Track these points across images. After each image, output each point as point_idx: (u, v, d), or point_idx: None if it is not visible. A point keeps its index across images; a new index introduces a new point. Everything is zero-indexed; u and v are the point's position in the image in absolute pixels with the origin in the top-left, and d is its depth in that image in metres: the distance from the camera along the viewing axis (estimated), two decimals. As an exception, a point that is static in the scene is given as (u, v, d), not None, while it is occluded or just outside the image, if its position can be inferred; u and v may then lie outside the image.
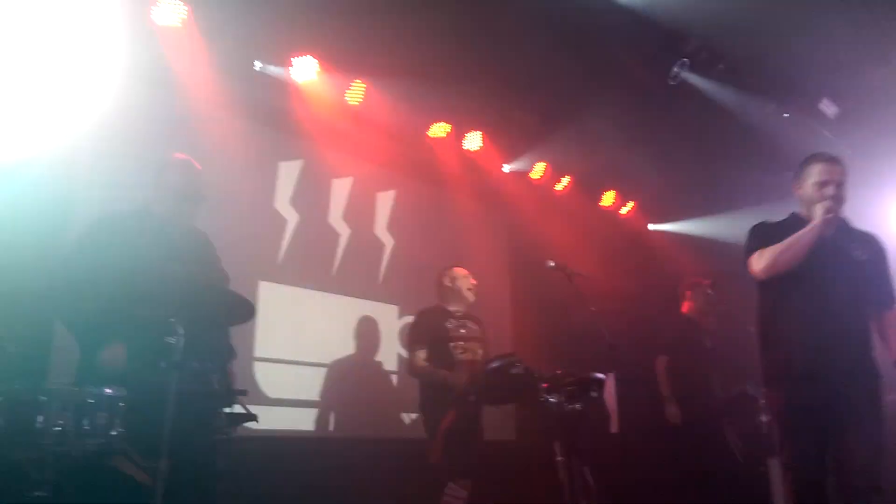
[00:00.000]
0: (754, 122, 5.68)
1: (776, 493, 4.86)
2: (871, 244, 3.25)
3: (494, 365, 4.05)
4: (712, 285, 5.59)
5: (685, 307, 5.63)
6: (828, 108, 5.36)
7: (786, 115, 5.50)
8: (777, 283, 3.16)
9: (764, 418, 4.93)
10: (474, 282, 4.81)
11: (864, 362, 3.05)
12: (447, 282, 4.78)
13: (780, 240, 3.14)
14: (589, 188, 6.95)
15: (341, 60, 5.04)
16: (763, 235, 3.24)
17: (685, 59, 4.72)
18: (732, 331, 5.55)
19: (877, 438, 2.96)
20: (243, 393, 3.17)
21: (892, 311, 3.16)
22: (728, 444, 5.21)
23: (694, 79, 4.96)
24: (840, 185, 3.19)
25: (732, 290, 5.95)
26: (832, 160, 3.23)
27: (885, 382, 3.08)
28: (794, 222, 3.23)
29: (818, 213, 3.11)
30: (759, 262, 3.16)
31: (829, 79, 5.27)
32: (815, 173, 3.21)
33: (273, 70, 4.94)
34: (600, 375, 3.81)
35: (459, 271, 4.82)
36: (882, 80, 5.14)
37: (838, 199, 3.17)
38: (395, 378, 5.52)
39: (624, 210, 7.30)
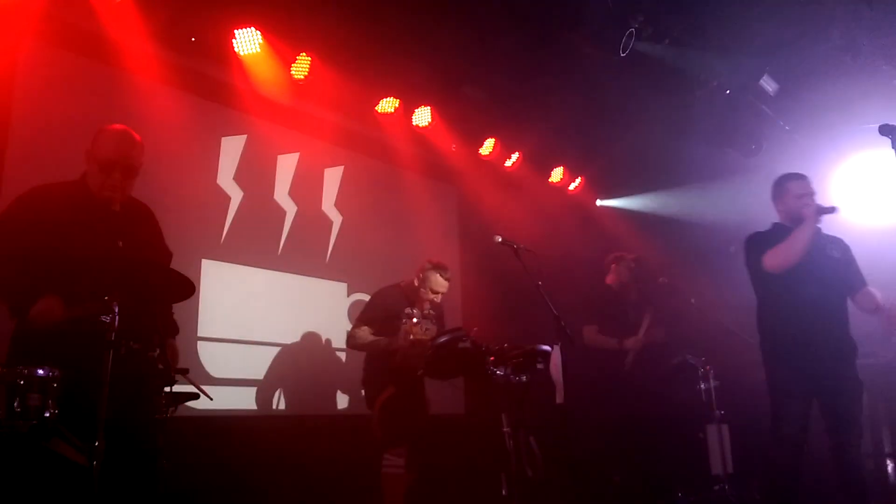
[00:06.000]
0: (699, 99, 5.77)
1: (713, 458, 5.03)
2: (840, 244, 4.04)
3: (442, 339, 4.07)
4: (636, 259, 5.77)
5: (609, 279, 5.79)
6: (768, 84, 5.45)
7: (727, 91, 5.59)
8: (779, 278, 3.81)
9: (703, 386, 5.08)
10: (442, 291, 4.59)
11: (845, 338, 3.85)
12: (419, 278, 4.59)
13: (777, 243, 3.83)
14: (538, 164, 6.98)
15: (286, 32, 4.92)
16: (763, 241, 3.93)
17: (633, 29, 4.72)
18: (678, 303, 5.70)
19: (858, 396, 3.78)
20: (185, 372, 3.11)
21: (865, 287, 3.95)
22: (669, 412, 5.35)
23: (642, 50, 4.95)
24: (814, 195, 3.93)
25: (676, 265, 6.13)
26: (803, 177, 4.01)
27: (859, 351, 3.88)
28: (782, 230, 3.94)
29: (808, 212, 3.81)
30: (775, 258, 3.81)
31: (770, 56, 5.36)
32: (793, 189, 3.96)
33: (214, 42, 4.79)
34: (546, 347, 3.86)
35: (435, 278, 4.54)
36: (821, 57, 5.25)
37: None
38: (342, 356, 5.49)
39: (572, 186, 7.37)
